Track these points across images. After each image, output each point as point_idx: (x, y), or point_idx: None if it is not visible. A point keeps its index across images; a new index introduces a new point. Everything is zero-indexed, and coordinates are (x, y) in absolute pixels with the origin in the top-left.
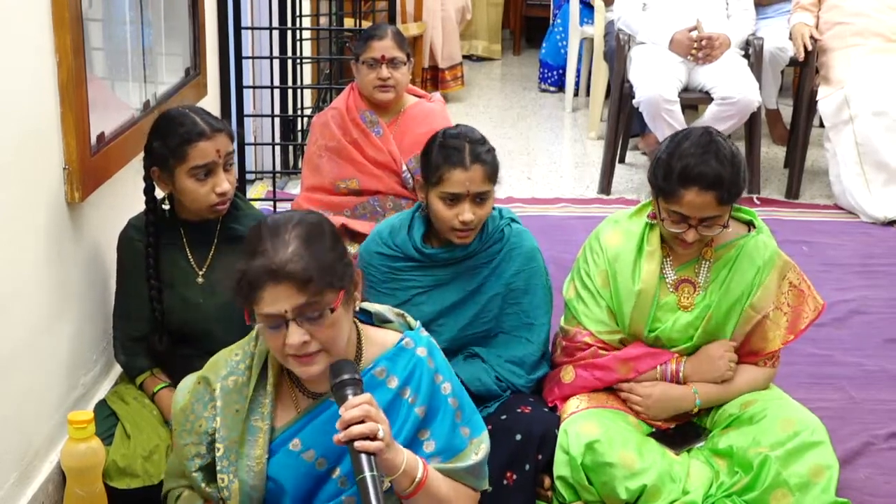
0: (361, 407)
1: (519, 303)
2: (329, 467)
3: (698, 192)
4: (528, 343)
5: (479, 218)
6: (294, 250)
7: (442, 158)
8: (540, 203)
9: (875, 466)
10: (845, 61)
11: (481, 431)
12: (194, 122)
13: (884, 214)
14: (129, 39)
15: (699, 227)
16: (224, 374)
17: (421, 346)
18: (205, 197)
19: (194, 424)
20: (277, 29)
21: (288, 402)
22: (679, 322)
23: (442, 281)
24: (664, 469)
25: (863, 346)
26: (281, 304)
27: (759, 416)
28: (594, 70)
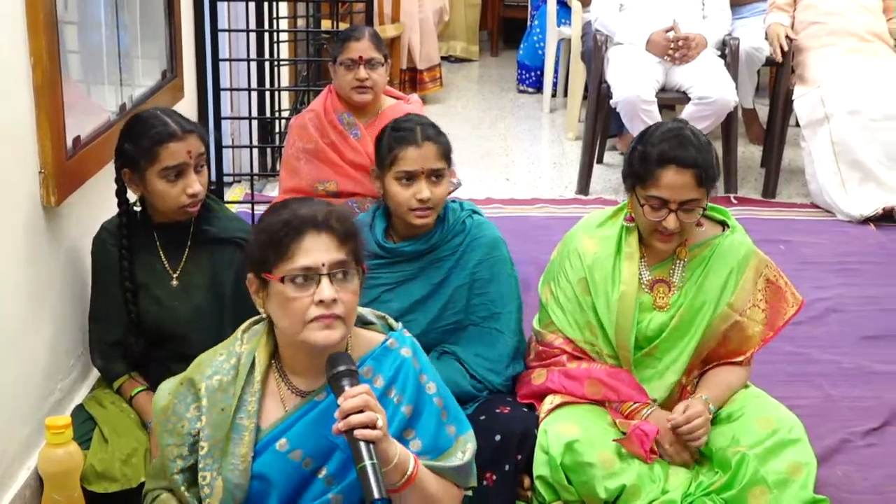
0: (361, 396)
1: (486, 292)
2: (315, 467)
3: (677, 170)
4: (498, 334)
5: (437, 197)
6: (333, 210)
7: (394, 140)
8: (518, 204)
9: (852, 463)
10: (820, 61)
11: (467, 430)
12: (165, 123)
13: (859, 212)
14: (105, 42)
15: (679, 211)
16: (209, 373)
17: (405, 347)
18: (175, 198)
19: (176, 425)
20: (254, 31)
21: (275, 401)
22: (654, 322)
23: (408, 276)
24: (643, 469)
25: (840, 344)
26: (319, 256)
27: (738, 415)
28: (572, 71)
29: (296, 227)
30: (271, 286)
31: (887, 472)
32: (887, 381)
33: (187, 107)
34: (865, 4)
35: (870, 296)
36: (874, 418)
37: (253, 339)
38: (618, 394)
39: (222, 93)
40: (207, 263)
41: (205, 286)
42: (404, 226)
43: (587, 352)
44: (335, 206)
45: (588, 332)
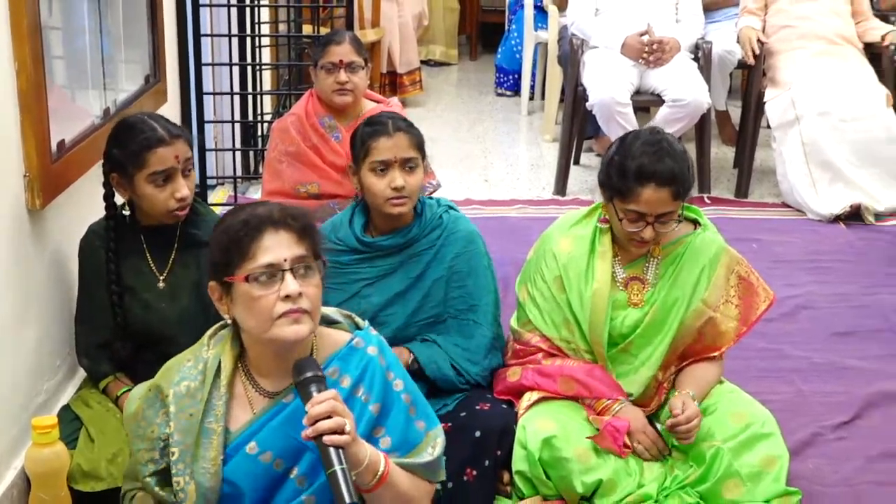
0: (328, 402)
1: (463, 285)
2: (287, 467)
3: (655, 188)
4: (476, 326)
5: (411, 186)
6: (288, 208)
7: (367, 133)
8: (497, 205)
9: (823, 456)
10: (791, 64)
11: (436, 425)
12: (153, 128)
13: (829, 212)
14: (89, 48)
15: (655, 223)
16: (176, 379)
17: (371, 345)
18: (164, 202)
19: (146, 431)
20: (237, 36)
21: (243, 404)
22: (629, 318)
23: (386, 271)
24: (619, 463)
25: (811, 340)
26: (281, 252)
27: (712, 410)
28: (549, 74)
29: (255, 227)
30: (235, 289)
31: (857, 465)
32: (857, 377)
33: (171, 111)
34: (834, 9)
35: (840, 293)
36: (845, 412)
37: (219, 344)
38: (590, 390)
39: (205, 97)
40: (194, 266)
41: (191, 288)
42: (382, 219)
43: (563, 349)
44: (288, 205)
45: (565, 330)
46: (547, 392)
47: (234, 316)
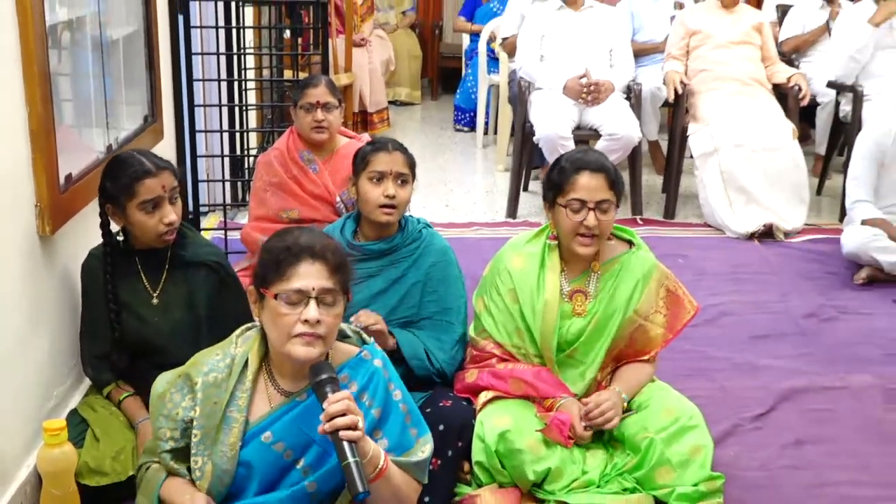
0: (344, 402)
1: (437, 290)
2: (295, 458)
3: (590, 174)
4: (449, 325)
5: (401, 198)
6: (329, 244)
7: (369, 148)
8: (456, 227)
9: (743, 445)
10: (710, 102)
11: (426, 433)
12: (141, 162)
13: (745, 230)
14: (93, 91)
15: (596, 211)
16: (206, 370)
17: (377, 359)
18: (154, 228)
19: (171, 411)
20: (226, 81)
21: (263, 399)
22: (574, 326)
23: (370, 272)
24: (565, 453)
25: (731, 342)
26: (311, 281)
27: (645, 405)
28: (500, 112)
29: (295, 254)
30: (267, 300)
31: (771, 452)
32: (771, 374)
33: (166, 147)
34: (746, 54)
35: (756, 301)
36: (761, 406)
37: (247, 343)
38: (537, 391)
39: (198, 134)
40: (184, 284)
41: (182, 304)
42: (371, 227)
43: (514, 354)
44: (333, 240)
45: (516, 337)
46: (500, 392)
47: (261, 320)
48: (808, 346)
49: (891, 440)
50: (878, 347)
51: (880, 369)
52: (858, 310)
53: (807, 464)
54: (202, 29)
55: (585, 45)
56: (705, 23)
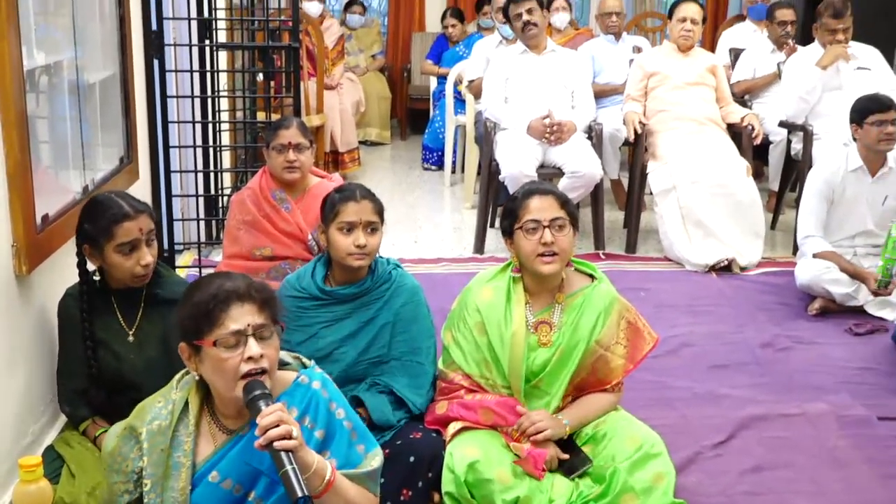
0: (276, 413)
1: (408, 330)
2: (245, 491)
3: (540, 196)
4: (420, 365)
5: (371, 246)
6: (252, 283)
7: (338, 197)
8: (425, 262)
9: (704, 472)
10: (668, 141)
11: (374, 447)
12: (119, 205)
13: (704, 263)
14: (70, 133)
15: (552, 228)
16: (149, 419)
17: (315, 381)
18: (130, 269)
19: (122, 465)
20: (200, 122)
21: (207, 440)
22: (539, 357)
23: (341, 315)
24: (533, 483)
25: (691, 372)
26: (245, 320)
27: (610, 434)
28: (467, 152)
29: (223, 300)
30: (204, 351)
31: (732, 479)
32: (731, 403)
33: (142, 187)
34: (702, 96)
35: (715, 332)
36: (721, 433)
37: (186, 388)
38: (505, 420)
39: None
40: (159, 322)
41: (157, 341)
42: (342, 272)
43: (482, 385)
44: (251, 278)
45: (484, 369)
46: (469, 422)
47: (201, 374)
48: (765, 376)
49: (844, 465)
50: (831, 376)
51: (834, 397)
52: (812, 340)
53: (766, 489)
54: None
55: (548, 88)
56: (662, 65)
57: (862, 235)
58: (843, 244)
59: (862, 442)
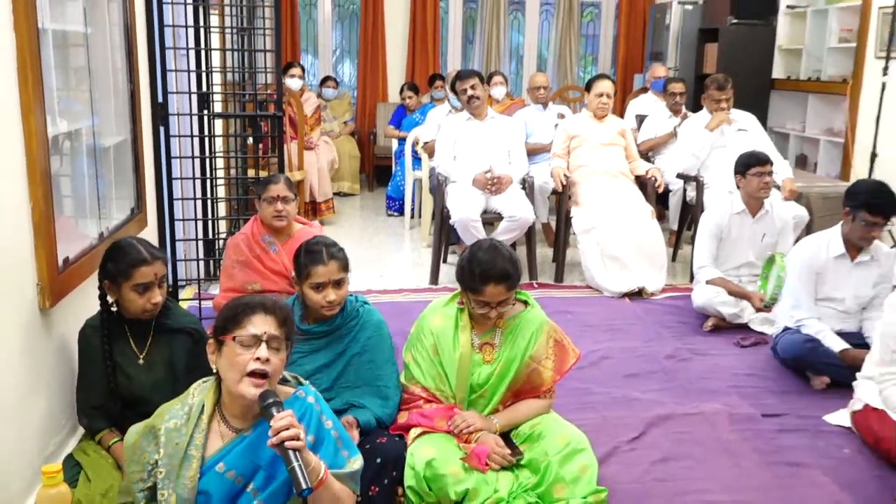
0: (287, 419)
1: (373, 360)
2: (245, 482)
3: (494, 285)
4: (385, 388)
5: (340, 297)
6: (278, 303)
7: (307, 260)
8: (389, 293)
9: (621, 463)
10: (587, 190)
11: (356, 453)
12: (139, 251)
13: (618, 290)
14: (88, 188)
15: (498, 307)
16: (167, 419)
17: (310, 396)
18: (142, 305)
19: (140, 457)
20: (200, 179)
21: (216, 437)
22: (483, 373)
23: (317, 348)
24: (480, 476)
25: (610, 381)
26: (263, 328)
27: (544, 433)
28: (423, 200)
29: (251, 307)
30: (225, 346)
31: (644, 468)
32: (642, 405)
33: (151, 233)
34: (614, 153)
35: (628, 347)
36: (634, 430)
37: (202, 393)
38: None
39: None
40: (166, 347)
41: (163, 364)
42: (316, 314)
43: (438, 396)
44: (281, 302)
45: (438, 382)
46: (426, 427)
47: (218, 367)
48: (670, 382)
49: (735, 454)
50: (723, 381)
51: (726, 398)
52: (707, 351)
53: (672, 477)
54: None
55: (489, 148)
56: (582, 129)
57: (745, 266)
58: (731, 273)
59: (749, 435)
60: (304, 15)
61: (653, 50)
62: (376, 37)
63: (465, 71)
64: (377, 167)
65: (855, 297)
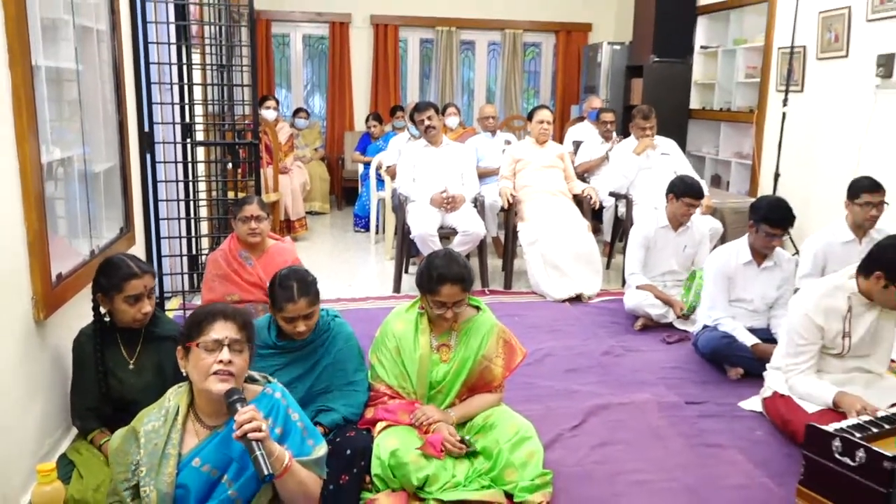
0: (249, 412)
1: (345, 368)
2: (220, 475)
3: (450, 286)
4: (355, 392)
5: (309, 327)
6: (238, 309)
7: (280, 295)
8: (357, 301)
9: (564, 448)
10: (531, 207)
11: (321, 441)
12: (130, 266)
13: (559, 296)
14: (80, 210)
15: (453, 307)
16: (146, 422)
17: (277, 392)
18: (133, 315)
19: (123, 458)
20: (184, 200)
21: (192, 435)
22: (440, 371)
23: (292, 360)
24: (439, 463)
25: (553, 375)
26: (225, 333)
27: (496, 423)
28: (387, 218)
29: (212, 315)
30: (191, 352)
31: (584, 453)
32: (581, 396)
33: (138, 250)
34: (554, 175)
35: (569, 345)
36: (575, 419)
37: (177, 397)
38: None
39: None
40: (155, 353)
41: (152, 369)
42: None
43: (401, 393)
44: (242, 308)
45: (401, 380)
46: (391, 421)
47: (187, 371)
48: (605, 375)
49: (664, 438)
50: (652, 374)
51: (654, 389)
52: (638, 348)
53: (609, 460)
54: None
55: (444, 171)
56: (525, 153)
57: (669, 273)
58: (657, 279)
59: (676, 421)
60: (277, 53)
61: (587, 84)
62: (343, 72)
63: (423, 103)
64: (345, 188)
65: (762, 298)
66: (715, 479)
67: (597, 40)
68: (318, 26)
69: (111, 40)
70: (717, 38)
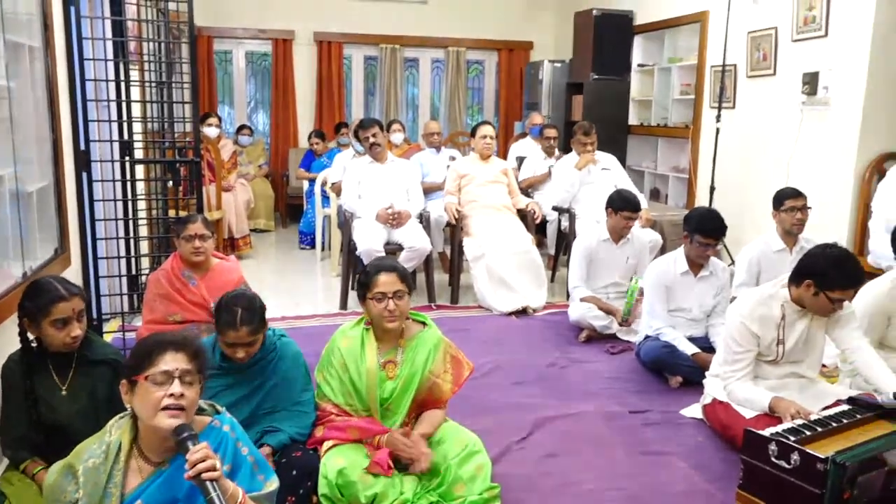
0: (203, 451)
1: (292, 388)
2: None
3: (386, 274)
4: (304, 413)
5: (250, 353)
6: (188, 338)
7: (222, 321)
8: (303, 318)
9: (512, 461)
10: (476, 222)
11: (272, 475)
12: (56, 288)
13: (506, 309)
14: (11, 231)
15: (394, 298)
16: (85, 458)
17: (226, 424)
18: (62, 339)
19: (60, 496)
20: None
21: (135, 473)
22: (387, 388)
23: (237, 381)
24: (388, 480)
25: (500, 388)
26: (176, 364)
27: (444, 439)
28: (332, 235)
29: (162, 346)
30: (138, 385)
31: (532, 465)
32: (528, 409)
33: (74, 271)
34: (498, 190)
35: (516, 358)
36: (522, 432)
37: (119, 430)
38: (368, 432)
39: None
40: (87, 378)
41: (85, 394)
42: None
43: (348, 410)
44: (192, 337)
45: (348, 397)
46: (338, 439)
47: (133, 406)
48: (551, 387)
49: (608, 446)
50: (596, 384)
51: (599, 400)
52: (582, 359)
53: (557, 470)
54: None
55: (390, 187)
56: (470, 169)
57: (612, 285)
58: (600, 290)
59: (620, 430)
60: (220, 70)
61: (529, 101)
62: (287, 89)
63: (368, 120)
64: (289, 206)
65: (700, 307)
66: (659, 486)
67: (538, 58)
68: (261, 43)
69: (45, 57)
70: (653, 57)
